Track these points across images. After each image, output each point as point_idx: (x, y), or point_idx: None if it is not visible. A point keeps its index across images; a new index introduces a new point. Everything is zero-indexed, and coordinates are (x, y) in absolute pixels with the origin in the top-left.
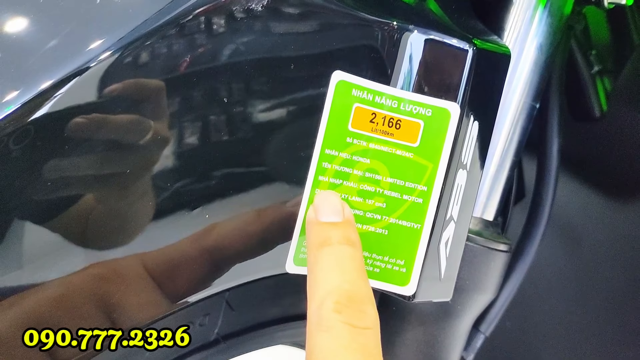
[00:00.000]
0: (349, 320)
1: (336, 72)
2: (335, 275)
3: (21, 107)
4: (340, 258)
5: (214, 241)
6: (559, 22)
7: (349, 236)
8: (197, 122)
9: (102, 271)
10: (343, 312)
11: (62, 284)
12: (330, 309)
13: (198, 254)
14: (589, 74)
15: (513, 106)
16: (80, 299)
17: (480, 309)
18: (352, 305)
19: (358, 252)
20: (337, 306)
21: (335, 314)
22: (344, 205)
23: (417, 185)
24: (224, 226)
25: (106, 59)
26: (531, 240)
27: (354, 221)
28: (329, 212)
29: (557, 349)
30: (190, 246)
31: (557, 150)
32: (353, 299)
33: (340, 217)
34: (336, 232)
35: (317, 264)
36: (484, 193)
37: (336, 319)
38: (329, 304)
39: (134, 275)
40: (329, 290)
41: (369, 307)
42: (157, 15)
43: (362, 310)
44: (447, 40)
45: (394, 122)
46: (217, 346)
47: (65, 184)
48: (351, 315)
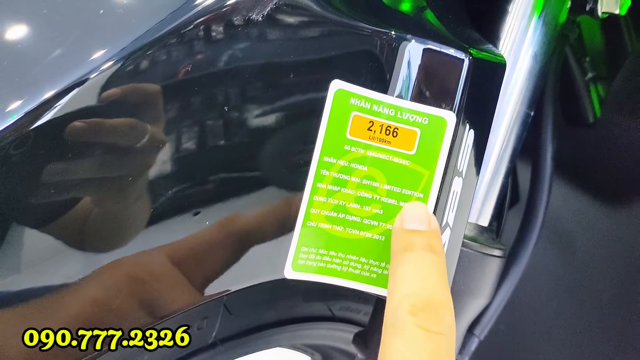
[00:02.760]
0: (423, 324)
1: (334, 81)
2: (414, 279)
3: (24, 116)
4: (422, 263)
5: (211, 251)
6: (554, 31)
7: (432, 244)
8: (196, 129)
9: (136, 271)
10: (418, 315)
11: (48, 308)
12: (405, 311)
13: (193, 266)
14: (583, 81)
15: (508, 114)
16: (120, 300)
17: (476, 313)
18: (428, 310)
19: (441, 260)
20: (413, 309)
21: (410, 316)
22: (431, 216)
23: (414, 192)
24: (222, 234)
25: (109, 68)
26: (525, 245)
27: (439, 232)
28: (415, 221)
29: (551, 352)
30: (183, 258)
31: (551, 157)
32: (430, 304)
33: (426, 226)
34: (420, 239)
35: (399, 267)
36: (479, 199)
37: (410, 322)
38: (406, 306)
39: (165, 271)
40: (407, 293)
41: (446, 313)
42: (158, 26)
43: (438, 315)
44: (443, 50)
45: (391, 130)
46: (215, 349)
47: (63, 188)
48: (426, 319)
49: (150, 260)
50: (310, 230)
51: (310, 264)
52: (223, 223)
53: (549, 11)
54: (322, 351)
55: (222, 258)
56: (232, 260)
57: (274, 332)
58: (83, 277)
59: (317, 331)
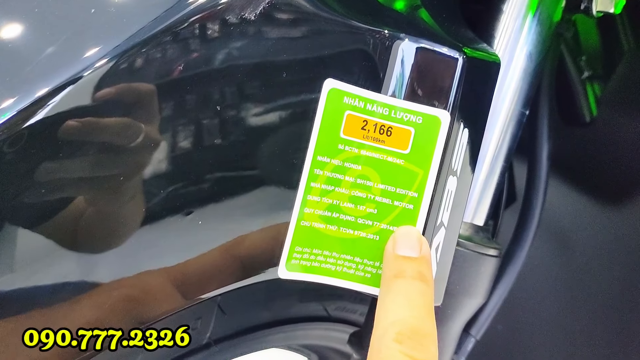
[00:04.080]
0: (408, 352)
1: (328, 80)
2: (402, 308)
3: (17, 114)
4: (411, 292)
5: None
6: (548, 30)
7: (422, 272)
8: (190, 128)
9: (132, 292)
10: (404, 343)
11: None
12: (391, 338)
13: (187, 266)
14: (579, 80)
15: (503, 113)
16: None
17: (471, 313)
18: (414, 338)
19: (429, 289)
20: (398, 336)
21: (396, 343)
22: (423, 241)
23: (408, 192)
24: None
25: (102, 66)
26: (521, 244)
27: (430, 258)
28: (407, 246)
29: (548, 352)
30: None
31: (547, 155)
32: (416, 332)
33: (417, 252)
34: (411, 266)
35: (388, 294)
36: (474, 199)
37: (396, 349)
38: (392, 333)
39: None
40: (394, 320)
41: (430, 343)
42: (152, 24)
43: (423, 344)
44: (437, 49)
45: (385, 129)
46: (210, 349)
47: (57, 188)
48: (411, 347)
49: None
50: (304, 230)
51: (304, 263)
52: (216, 222)
53: (543, 10)
54: (318, 351)
55: (215, 258)
56: (226, 260)
57: (269, 333)
58: (75, 278)
59: (312, 331)
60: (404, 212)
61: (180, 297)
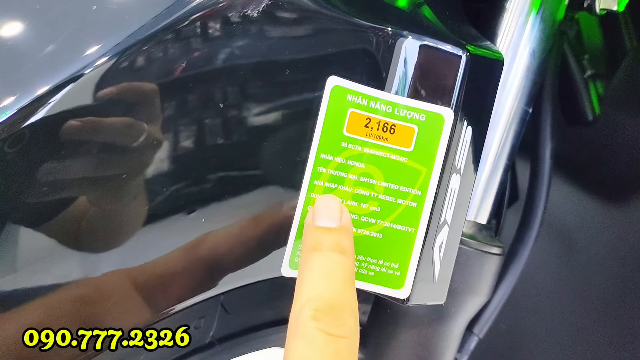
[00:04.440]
0: (325, 328)
1: (331, 78)
2: (319, 282)
3: (17, 112)
4: (328, 265)
5: (208, 250)
6: (552, 27)
7: (341, 243)
8: (192, 126)
9: (86, 292)
10: (321, 320)
11: (44, 308)
12: (308, 315)
13: (191, 265)
14: (582, 78)
15: (506, 111)
16: (64, 322)
17: (474, 311)
18: (331, 313)
19: (348, 261)
20: (315, 313)
21: (313, 320)
22: (343, 211)
23: (411, 190)
24: (219, 234)
25: (103, 64)
26: (524, 243)
27: (350, 229)
28: (325, 217)
29: (551, 350)
30: (180, 257)
31: (550, 154)
32: (333, 307)
33: (337, 223)
34: (329, 238)
35: (306, 268)
36: (478, 197)
37: (312, 326)
38: (308, 310)
39: (119, 291)
40: (311, 296)
41: (348, 316)
42: (153, 21)
43: (340, 318)
44: (440, 46)
45: (389, 126)
46: (213, 349)
47: (59, 187)
48: (328, 323)
49: (142, 270)
50: None
51: None
52: (219, 221)
53: (546, 8)
54: None
55: (219, 256)
56: (229, 258)
57: (272, 332)
58: (78, 277)
59: None
60: (408, 210)
61: (183, 295)
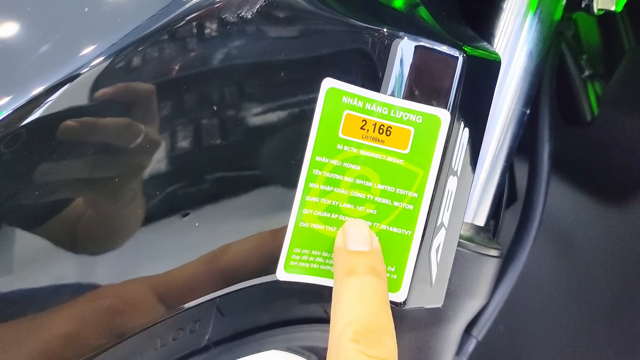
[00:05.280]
0: (365, 350)
1: (326, 79)
2: (357, 306)
3: (13, 112)
4: (365, 289)
5: (203, 254)
6: (549, 28)
7: (374, 266)
8: (187, 128)
9: (113, 302)
10: (360, 342)
11: (72, 318)
12: (348, 338)
13: (185, 268)
14: (580, 79)
15: (504, 112)
16: (92, 332)
17: (472, 314)
18: (370, 336)
19: (382, 283)
20: (355, 336)
21: (353, 343)
22: (372, 235)
23: (408, 192)
24: (214, 237)
25: (99, 64)
26: (522, 245)
27: (380, 251)
28: (357, 241)
29: (550, 352)
30: (175, 261)
31: (548, 155)
32: (372, 330)
33: (368, 246)
34: (363, 262)
35: (342, 293)
36: (475, 199)
37: (353, 348)
38: (348, 333)
39: (142, 302)
40: (350, 320)
41: (388, 338)
42: (148, 22)
43: (380, 341)
44: (437, 47)
45: (385, 128)
46: (208, 352)
47: (55, 189)
48: (368, 345)
49: (164, 280)
50: (302, 231)
51: (303, 265)
52: (214, 224)
53: (544, 8)
54: (318, 353)
55: (212, 260)
56: (224, 261)
57: (268, 335)
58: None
59: (312, 333)
60: (404, 213)
61: (177, 301)
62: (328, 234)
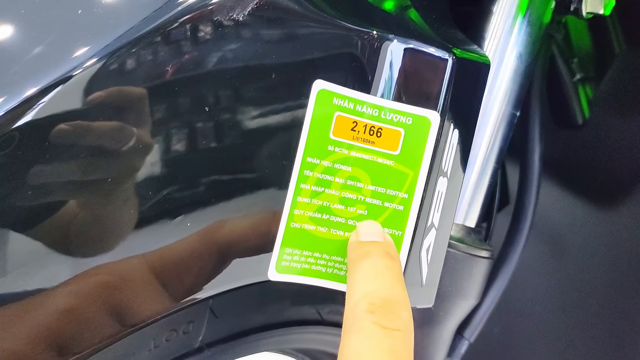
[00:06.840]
0: (380, 321)
1: (317, 81)
2: (372, 280)
3: (5, 114)
4: (379, 267)
5: (194, 254)
6: (539, 31)
7: (388, 251)
8: (179, 130)
9: (109, 278)
10: (375, 313)
11: (70, 294)
12: (363, 309)
13: (177, 268)
14: (571, 82)
15: (494, 114)
16: (90, 309)
17: (463, 315)
18: (386, 307)
19: (397, 265)
20: (370, 306)
21: (368, 314)
22: (384, 231)
23: (398, 193)
24: (205, 237)
25: (92, 65)
26: (514, 246)
27: (393, 244)
28: (371, 234)
29: (543, 354)
30: (167, 260)
31: (539, 157)
32: (386, 301)
33: (382, 238)
34: (376, 247)
35: (356, 272)
36: (466, 200)
37: (368, 320)
38: (363, 304)
39: (139, 278)
40: (365, 292)
41: (403, 310)
42: (141, 24)
43: (395, 312)
44: (426, 50)
45: (375, 130)
46: (202, 354)
47: (48, 191)
48: (383, 316)
49: (132, 263)
50: (294, 232)
51: (295, 265)
52: (206, 226)
53: (533, 11)
54: (312, 355)
55: (205, 260)
56: (215, 262)
57: (261, 336)
58: (62, 282)
59: (305, 335)
60: (395, 213)
61: (171, 299)
62: (319, 234)
